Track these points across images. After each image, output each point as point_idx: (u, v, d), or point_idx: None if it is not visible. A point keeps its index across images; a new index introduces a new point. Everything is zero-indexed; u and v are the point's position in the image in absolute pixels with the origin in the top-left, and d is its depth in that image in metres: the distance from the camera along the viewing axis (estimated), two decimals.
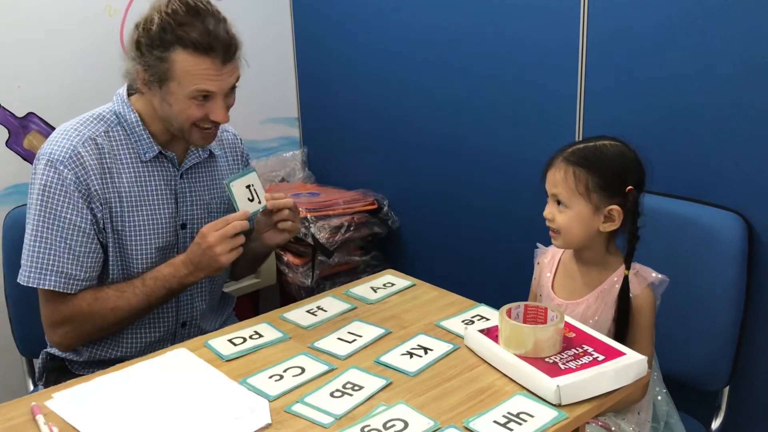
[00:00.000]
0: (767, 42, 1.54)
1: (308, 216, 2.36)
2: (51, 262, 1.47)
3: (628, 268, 1.37)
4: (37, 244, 1.47)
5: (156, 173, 1.56)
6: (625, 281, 1.37)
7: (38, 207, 1.47)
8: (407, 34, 2.33)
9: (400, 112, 2.43)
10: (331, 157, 2.79)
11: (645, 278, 1.39)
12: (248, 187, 1.51)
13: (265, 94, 2.73)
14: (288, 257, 2.42)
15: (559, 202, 1.39)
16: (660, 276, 1.39)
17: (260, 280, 2.43)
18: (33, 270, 1.47)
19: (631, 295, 1.37)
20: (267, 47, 2.70)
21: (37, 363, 1.70)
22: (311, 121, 2.84)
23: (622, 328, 1.37)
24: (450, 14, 2.18)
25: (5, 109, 2.15)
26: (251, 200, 1.51)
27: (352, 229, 2.41)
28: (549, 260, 1.53)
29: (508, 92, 2.08)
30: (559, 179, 1.38)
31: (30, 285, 1.48)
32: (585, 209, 1.37)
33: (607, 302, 1.39)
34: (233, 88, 1.52)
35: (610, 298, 1.39)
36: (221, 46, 1.43)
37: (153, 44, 1.42)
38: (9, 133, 2.17)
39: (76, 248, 1.48)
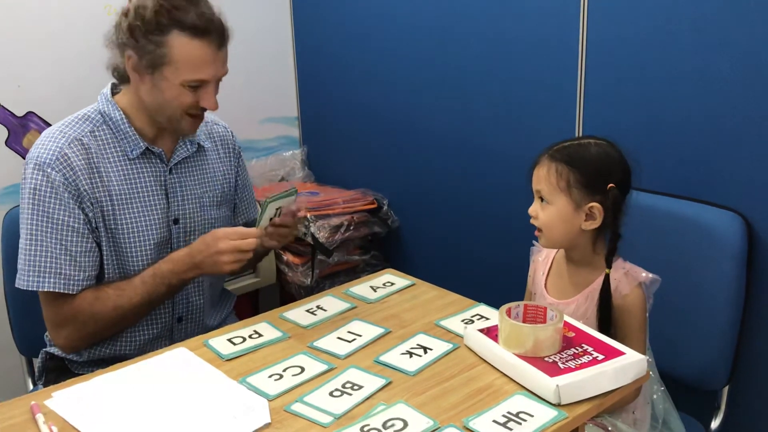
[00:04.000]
0: (767, 41, 1.54)
1: (308, 215, 2.36)
2: (48, 264, 1.47)
3: (608, 267, 1.37)
4: (33, 247, 1.47)
5: (144, 170, 1.56)
6: (606, 280, 1.37)
7: (30, 211, 1.48)
8: (407, 33, 2.33)
9: (400, 112, 2.43)
10: (330, 157, 2.79)
11: (635, 278, 1.39)
12: (278, 209, 1.51)
13: (264, 93, 2.73)
14: (288, 256, 2.42)
15: (542, 199, 1.40)
16: (651, 275, 1.39)
17: (260, 280, 2.43)
18: (31, 273, 1.47)
19: (621, 293, 1.37)
20: (267, 47, 2.70)
21: (37, 362, 1.70)
22: (311, 120, 2.84)
23: (604, 326, 1.37)
24: (449, 14, 2.18)
25: (5, 108, 2.15)
26: (271, 219, 1.51)
27: (351, 228, 2.41)
28: (543, 259, 1.54)
29: (507, 92, 2.08)
30: (542, 176, 1.40)
31: (29, 288, 1.48)
32: (566, 206, 1.38)
33: (596, 302, 1.40)
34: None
35: (598, 299, 1.39)
36: (216, 30, 1.46)
37: (149, 29, 1.43)
38: (8, 132, 2.17)
39: (71, 248, 1.48)
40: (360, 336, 1.40)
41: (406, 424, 1.10)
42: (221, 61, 1.49)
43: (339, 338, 1.39)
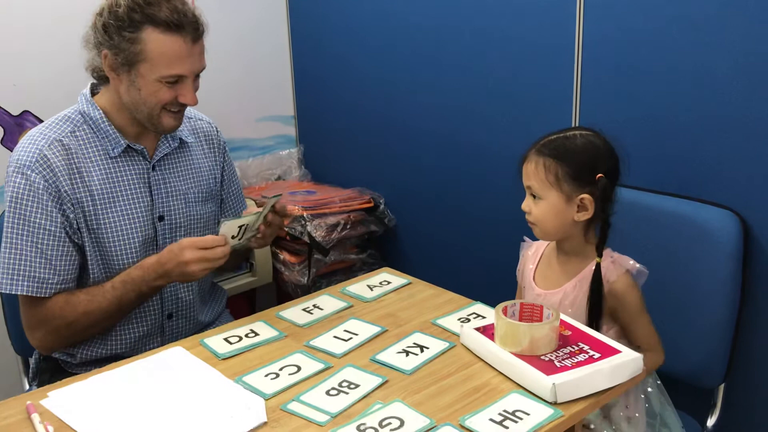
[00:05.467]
0: (764, 40, 1.54)
1: (304, 214, 2.35)
2: (23, 268, 1.47)
3: (599, 255, 1.38)
4: (9, 250, 1.47)
5: (127, 168, 1.56)
6: (597, 268, 1.38)
7: (10, 213, 1.48)
8: (404, 31, 2.33)
9: (397, 111, 2.43)
10: (327, 156, 2.79)
11: (622, 266, 1.40)
12: (273, 210, 1.50)
13: (261, 92, 2.73)
14: (284, 255, 2.42)
15: (534, 195, 1.41)
16: (638, 265, 1.40)
17: (256, 279, 2.43)
18: (6, 276, 1.47)
19: (608, 281, 1.38)
20: (263, 45, 2.70)
21: (31, 362, 1.70)
22: (307, 119, 2.84)
23: (595, 315, 1.38)
24: (446, 12, 2.18)
25: (1, 107, 2.14)
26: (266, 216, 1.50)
27: (348, 227, 2.41)
28: (533, 253, 1.55)
29: (504, 90, 2.08)
30: (531, 171, 1.40)
31: (3, 291, 1.48)
32: (557, 199, 1.38)
33: (584, 291, 1.40)
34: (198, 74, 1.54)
35: (587, 287, 1.40)
36: (190, 24, 1.45)
37: (122, 25, 1.43)
38: (4, 131, 2.17)
39: (48, 252, 1.47)
40: (356, 335, 1.40)
41: (402, 423, 1.10)
42: (197, 55, 1.49)
43: (335, 337, 1.40)
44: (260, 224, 1.51)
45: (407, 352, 1.33)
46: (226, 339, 1.40)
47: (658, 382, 1.50)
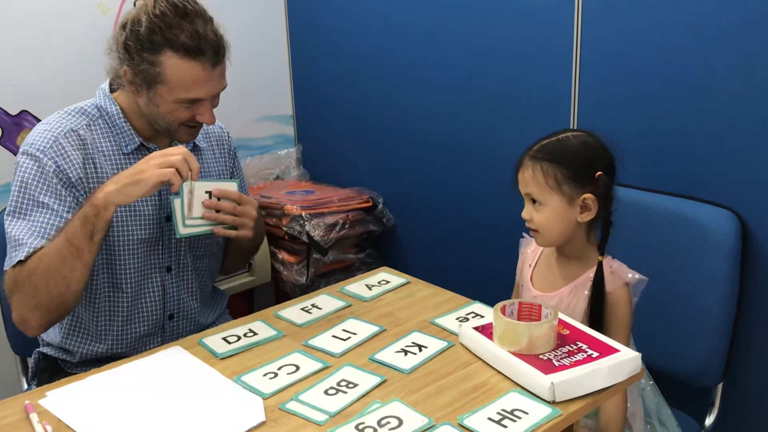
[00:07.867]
0: (761, 38, 1.54)
1: (303, 214, 2.36)
2: (22, 241, 1.41)
3: (602, 254, 1.37)
4: (13, 228, 1.43)
5: None
6: (599, 268, 1.37)
7: (17, 195, 1.46)
8: (402, 31, 2.33)
9: (395, 110, 2.43)
10: (325, 155, 2.79)
11: (621, 277, 1.38)
12: (208, 192, 1.50)
13: (259, 91, 2.73)
14: (283, 255, 2.42)
15: (534, 201, 1.40)
16: (637, 276, 1.38)
17: (255, 278, 2.43)
18: (9, 253, 1.43)
19: (606, 291, 1.37)
20: (261, 45, 2.70)
21: (30, 362, 1.70)
22: (306, 118, 2.84)
23: (596, 317, 1.37)
24: (445, 11, 2.18)
25: None
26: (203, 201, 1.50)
27: (346, 226, 2.41)
28: (532, 251, 1.54)
29: (503, 90, 2.08)
30: (528, 177, 1.39)
31: (6, 268, 1.43)
32: (559, 203, 1.37)
33: (580, 297, 1.40)
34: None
35: (584, 293, 1.39)
36: (210, 49, 1.45)
37: (142, 47, 1.42)
38: (2, 131, 2.17)
39: (50, 232, 1.43)
40: (355, 334, 1.40)
41: (401, 422, 1.10)
42: (216, 78, 1.49)
43: (334, 336, 1.40)
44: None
45: (406, 352, 1.33)
46: (224, 338, 1.40)
47: (651, 382, 1.50)
